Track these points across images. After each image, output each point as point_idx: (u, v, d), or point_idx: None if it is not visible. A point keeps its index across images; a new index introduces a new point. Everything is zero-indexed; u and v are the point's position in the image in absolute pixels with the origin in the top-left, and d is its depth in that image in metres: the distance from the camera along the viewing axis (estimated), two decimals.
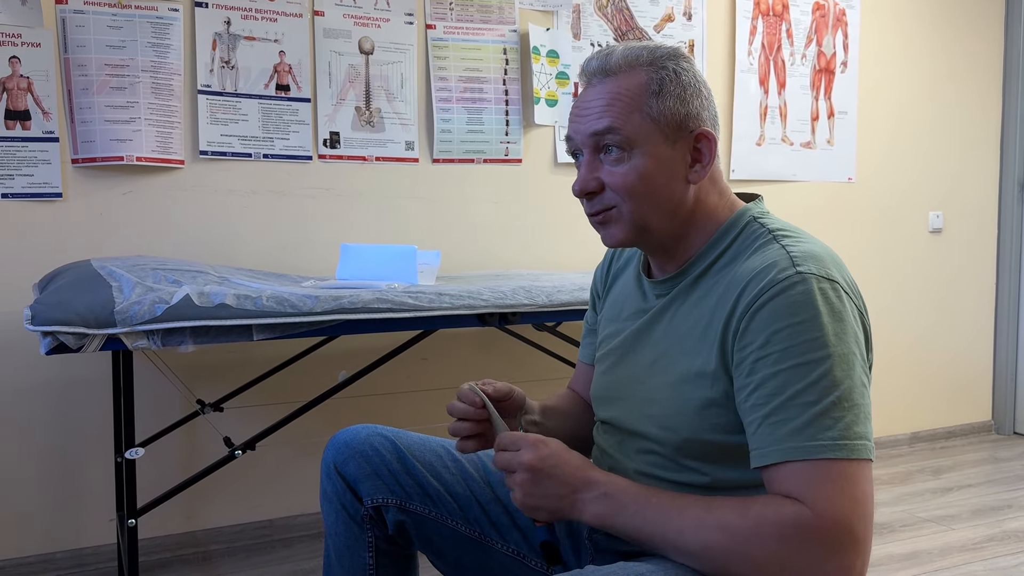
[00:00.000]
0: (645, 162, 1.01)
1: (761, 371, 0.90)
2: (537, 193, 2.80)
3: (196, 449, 2.38)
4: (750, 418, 0.91)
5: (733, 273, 0.99)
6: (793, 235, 1.01)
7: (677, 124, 1.01)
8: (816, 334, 0.89)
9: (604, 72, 1.04)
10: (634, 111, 1.01)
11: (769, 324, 0.91)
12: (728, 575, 0.88)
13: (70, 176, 2.23)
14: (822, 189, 3.30)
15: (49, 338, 1.58)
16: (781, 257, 0.95)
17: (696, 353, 1.00)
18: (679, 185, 1.02)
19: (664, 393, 1.03)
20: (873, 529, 0.88)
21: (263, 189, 2.44)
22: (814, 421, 0.87)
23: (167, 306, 1.64)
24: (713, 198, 1.06)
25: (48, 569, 2.23)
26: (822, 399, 0.87)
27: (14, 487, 2.21)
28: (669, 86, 1.01)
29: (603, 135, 1.02)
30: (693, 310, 1.03)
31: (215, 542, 2.40)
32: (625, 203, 1.03)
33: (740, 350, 0.93)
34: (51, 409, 2.23)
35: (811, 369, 0.88)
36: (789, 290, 0.91)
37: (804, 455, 0.86)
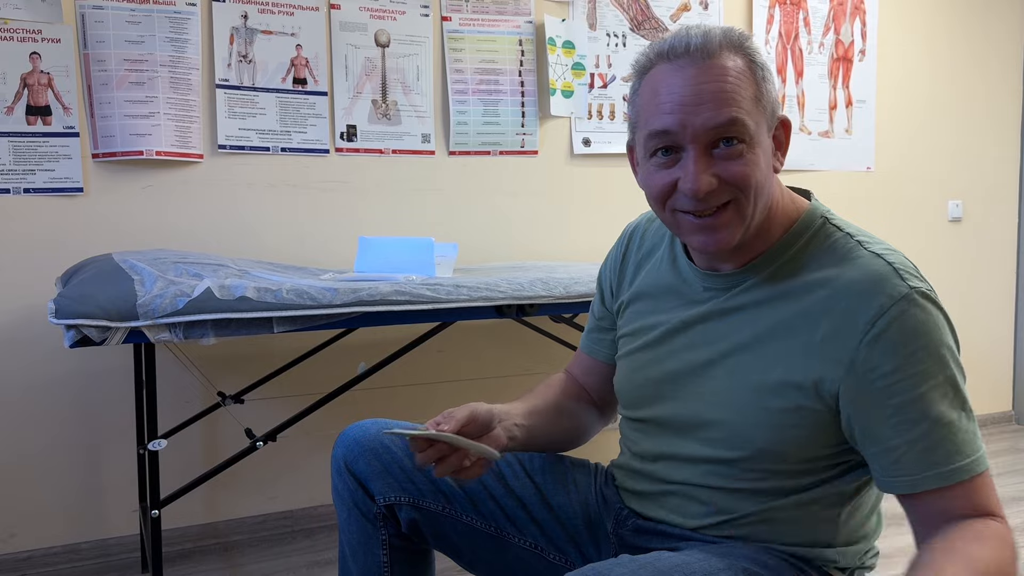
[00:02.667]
0: (759, 155, 0.94)
1: (898, 396, 0.90)
2: (553, 184, 2.79)
3: (217, 440, 2.40)
4: (891, 443, 0.91)
5: (825, 281, 0.95)
6: (875, 241, 0.99)
7: (773, 112, 0.96)
8: (942, 352, 0.91)
9: (706, 53, 0.92)
10: (749, 98, 0.92)
11: (899, 348, 0.90)
12: None
13: (91, 171, 2.25)
14: (840, 178, 3.27)
15: (73, 331, 1.60)
16: (883, 269, 0.93)
17: (783, 362, 0.96)
18: (771, 175, 0.97)
19: (736, 398, 0.99)
20: (896, 521, 0.91)
21: (281, 182, 2.45)
22: (963, 441, 0.90)
23: (189, 299, 1.65)
24: (776, 192, 1.01)
25: (73, 559, 2.26)
26: (960, 416, 0.91)
27: (39, 478, 2.24)
28: (766, 74, 0.95)
29: (726, 127, 0.91)
30: (772, 313, 0.98)
31: (236, 532, 2.42)
32: (745, 199, 0.94)
33: (865, 373, 0.91)
34: (74, 401, 2.26)
35: (946, 389, 0.90)
36: (910, 310, 0.91)
37: (962, 476, 0.89)
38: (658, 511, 1.10)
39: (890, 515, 2.56)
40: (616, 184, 2.88)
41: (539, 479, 1.22)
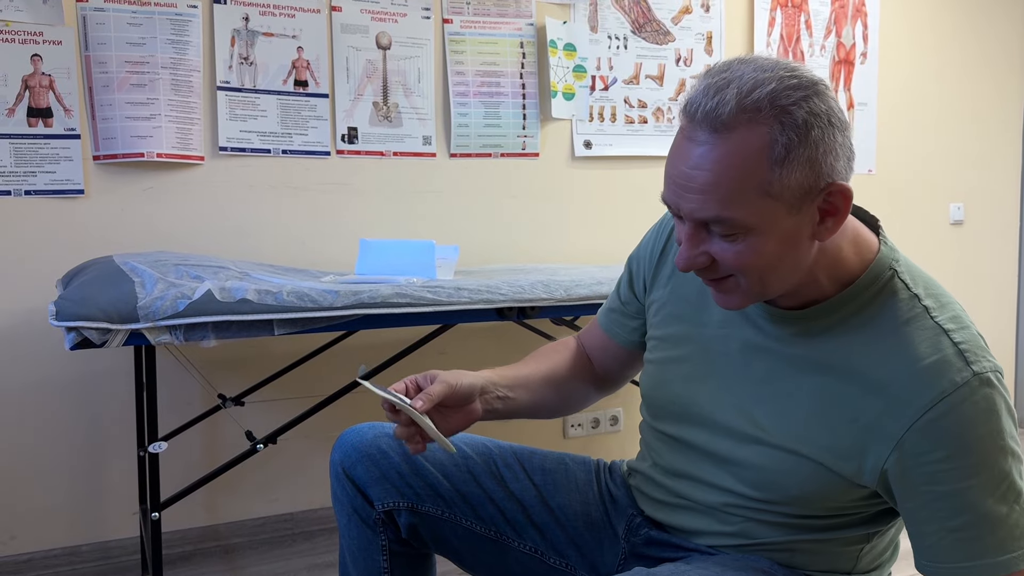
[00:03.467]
0: (764, 240, 0.85)
1: (944, 484, 0.86)
2: (554, 187, 2.79)
3: (217, 443, 2.40)
4: (929, 528, 0.88)
5: (886, 353, 0.90)
6: (940, 302, 0.92)
7: (805, 191, 0.84)
8: (1001, 443, 0.87)
9: (713, 125, 0.83)
10: (748, 190, 0.82)
11: (953, 438, 0.86)
12: None
13: (92, 173, 2.25)
14: None
15: (73, 333, 1.60)
16: (949, 350, 0.88)
17: (831, 428, 0.93)
18: (804, 246, 0.87)
19: (777, 452, 0.97)
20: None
21: (282, 185, 2.45)
22: (1007, 537, 0.86)
23: (189, 301, 1.65)
24: (840, 242, 0.93)
25: (73, 561, 2.25)
26: (1012, 509, 0.87)
27: (39, 480, 2.24)
28: (797, 149, 0.82)
29: (712, 222, 0.86)
30: (826, 371, 0.94)
31: (237, 535, 2.42)
32: (744, 277, 0.89)
33: (915, 456, 0.87)
34: (75, 403, 2.26)
35: (999, 480, 0.86)
36: (971, 397, 0.86)
37: (1003, 570, 0.86)
38: (677, 521, 1.09)
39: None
40: (617, 187, 2.88)
41: (539, 479, 1.21)
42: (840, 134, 0.85)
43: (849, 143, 0.87)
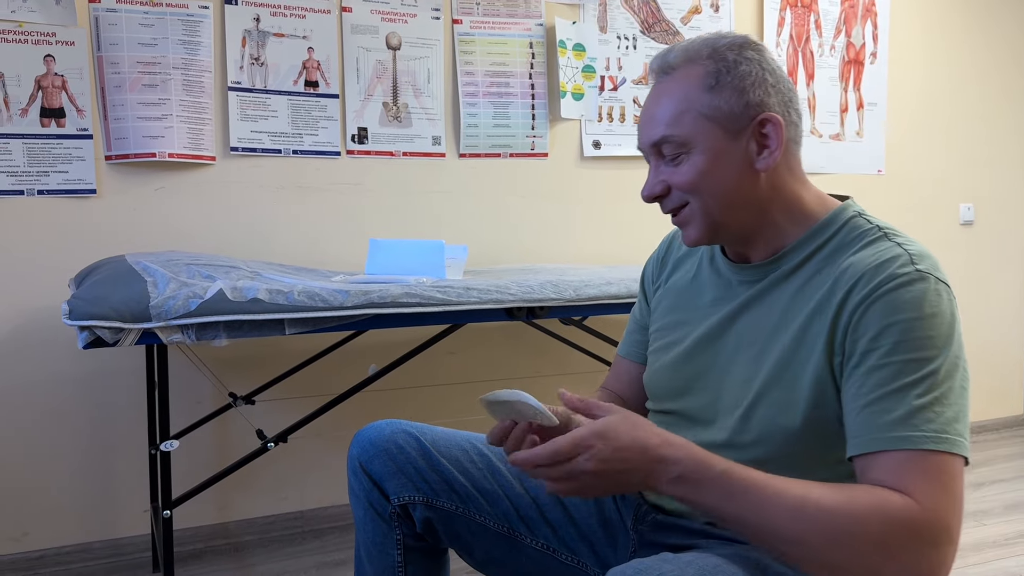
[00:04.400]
0: (704, 159, 0.99)
1: (870, 361, 0.90)
2: (563, 187, 2.80)
3: (228, 441, 2.41)
4: (852, 406, 0.90)
5: (841, 265, 0.98)
6: (903, 235, 0.99)
7: (736, 115, 0.99)
8: (931, 333, 0.89)
9: (663, 69, 1.03)
10: (686, 111, 0.99)
11: (886, 316, 0.90)
12: (822, 564, 0.84)
13: (104, 173, 2.27)
14: (851, 181, 3.26)
15: (86, 332, 1.61)
16: (899, 253, 0.94)
17: (799, 346, 0.98)
18: (748, 175, 1.00)
19: (760, 382, 1.00)
20: None
21: (292, 185, 2.46)
22: (918, 412, 0.86)
23: (201, 300, 1.66)
24: (796, 188, 1.03)
25: (85, 559, 2.27)
26: (927, 394, 0.87)
27: (52, 478, 2.25)
28: (726, 77, 0.99)
29: (659, 144, 1.02)
30: (792, 301, 1.01)
31: (247, 533, 2.43)
32: (694, 200, 1.02)
33: (852, 342, 0.92)
34: (87, 401, 2.28)
35: (921, 365, 0.88)
36: (908, 286, 0.91)
37: (906, 444, 0.85)
38: (679, 504, 1.10)
39: None
40: (626, 187, 2.88)
41: None
42: (771, 76, 1.00)
43: (786, 89, 1.02)
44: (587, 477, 0.88)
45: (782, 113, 1.00)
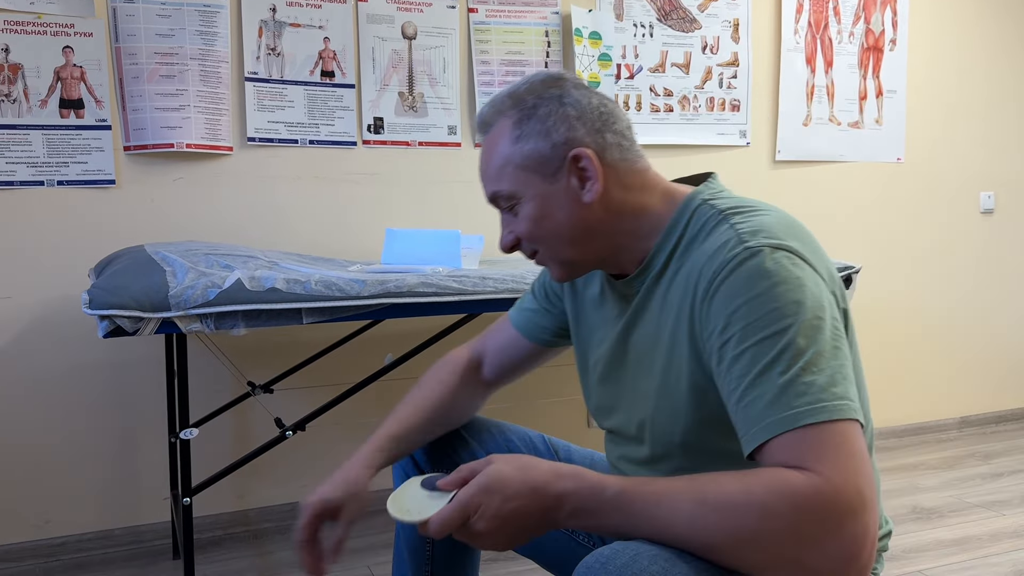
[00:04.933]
0: (533, 206, 1.00)
1: (727, 355, 0.86)
2: None
3: (246, 429, 2.43)
4: (729, 406, 0.87)
5: (690, 261, 0.96)
6: (745, 210, 0.96)
7: (547, 158, 0.99)
8: (774, 304, 0.85)
9: (480, 128, 1.05)
10: (505, 165, 1.00)
11: (725, 306, 0.87)
12: (743, 564, 0.79)
13: (122, 163, 2.28)
14: (870, 170, 3.24)
15: (106, 321, 1.62)
16: (728, 237, 0.91)
17: (672, 353, 0.97)
18: (580, 210, 0.99)
19: (653, 396, 1.01)
20: (926, 516, 0.83)
21: (309, 175, 2.47)
22: (786, 390, 0.81)
23: (220, 290, 1.68)
24: (637, 199, 1.01)
25: (106, 545, 2.30)
26: (790, 368, 0.82)
27: (73, 466, 2.28)
28: (528, 126, 0.99)
29: (494, 199, 1.04)
30: (661, 309, 1.00)
31: (266, 520, 2.46)
32: (540, 246, 1.03)
33: (707, 340, 0.90)
34: (107, 390, 2.30)
35: (775, 341, 0.83)
36: (739, 267, 0.88)
37: (784, 426, 0.80)
38: None
39: (920, 509, 2.54)
40: None
41: (563, 458, 1.28)
42: (574, 108, 0.99)
43: (591, 117, 1.00)
44: (484, 535, 0.86)
45: (594, 141, 0.99)
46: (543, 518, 0.85)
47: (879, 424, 3.31)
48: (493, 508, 0.84)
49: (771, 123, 3.06)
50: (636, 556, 0.78)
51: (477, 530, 0.85)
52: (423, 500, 0.91)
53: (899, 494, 2.69)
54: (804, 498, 0.76)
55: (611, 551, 0.80)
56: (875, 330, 3.29)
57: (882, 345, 3.30)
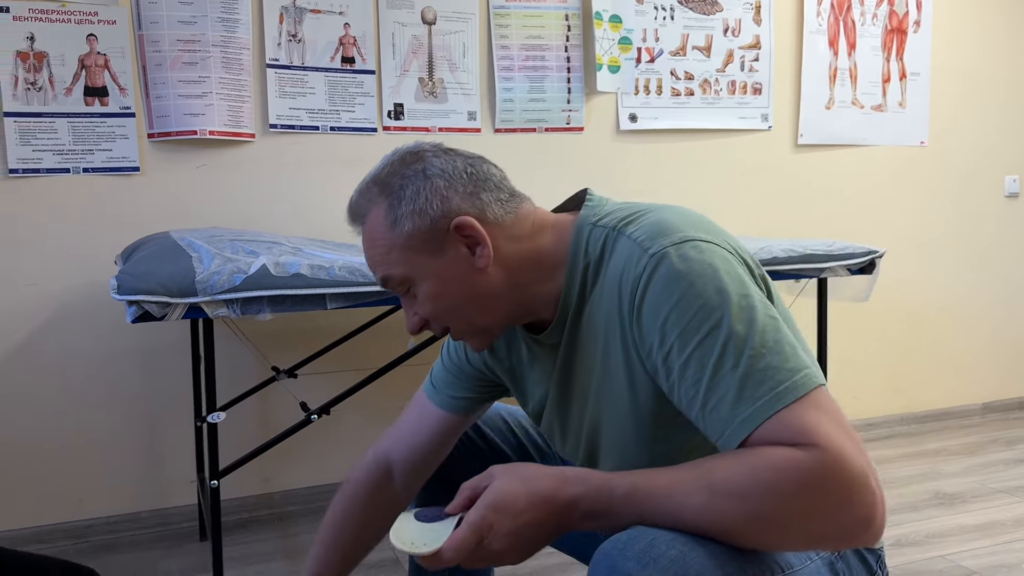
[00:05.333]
0: (430, 286, 0.97)
1: (673, 367, 0.85)
2: (599, 161, 2.79)
3: (270, 414, 2.46)
4: (695, 417, 0.85)
5: (602, 287, 0.94)
6: (634, 217, 0.94)
7: (429, 236, 0.95)
8: (698, 303, 0.84)
9: (355, 219, 1.01)
10: (389, 251, 0.96)
11: (654, 320, 0.86)
12: (758, 542, 0.80)
13: (146, 150, 2.30)
14: (893, 154, 3.21)
15: (134, 307, 1.64)
16: (631, 250, 0.90)
17: (606, 373, 0.96)
18: (476, 276, 0.96)
19: (609, 434, 0.99)
20: (947, 502, 0.82)
21: (330, 161, 2.48)
22: (745, 383, 0.80)
23: (245, 276, 1.69)
24: (530, 247, 0.99)
25: (133, 528, 2.33)
26: (740, 359, 0.81)
27: (103, 450, 2.31)
28: (400, 209, 0.95)
29: (388, 285, 0.99)
30: (589, 339, 0.98)
31: (290, 503, 2.49)
32: (449, 322, 1.00)
33: (647, 358, 0.89)
34: (134, 376, 2.33)
35: (715, 338, 0.82)
36: (652, 277, 0.86)
37: (758, 419, 0.79)
38: None
39: (943, 495, 2.53)
40: (662, 160, 2.86)
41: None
42: (441, 178, 0.96)
43: (461, 179, 0.97)
44: (505, 553, 0.85)
45: (471, 205, 0.96)
46: (557, 525, 0.85)
47: (899, 411, 3.30)
48: (506, 526, 0.83)
49: (793, 106, 3.04)
50: (654, 541, 0.79)
51: (493, 550, 0.84)
52: (426, 531, 0.88)
53: (921, 480, 2.68)
54: (810, 473, 0.76)
55: (628, 536, 0.80)
56: (898, 315, 3.27)
57: (905, 330, 3.28)
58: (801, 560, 0.89)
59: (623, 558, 0.78)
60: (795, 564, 0.88)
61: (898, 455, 2.94)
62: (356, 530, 1.24)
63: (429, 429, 1.19)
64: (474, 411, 1.20)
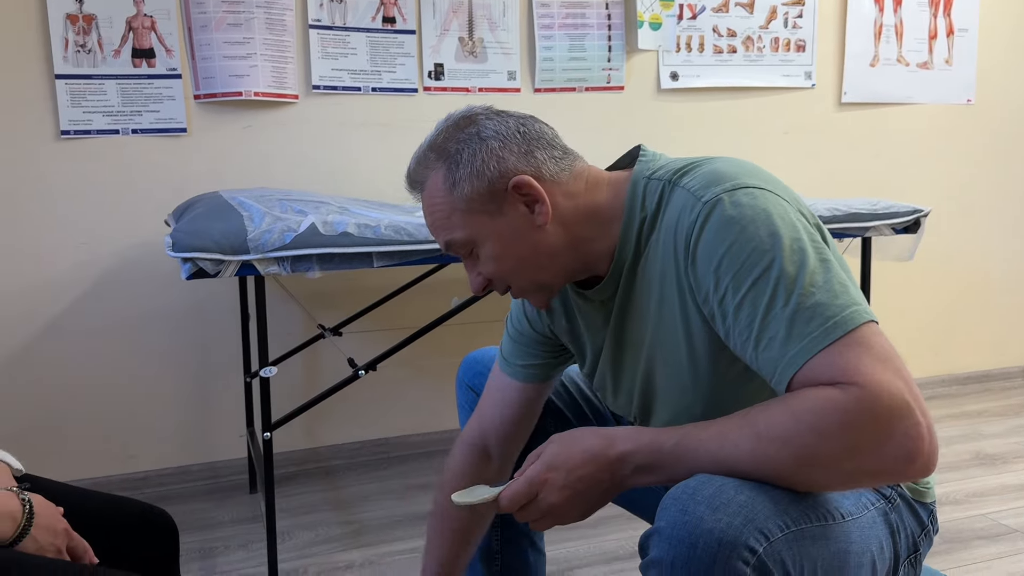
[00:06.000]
0: (492, 246, 1.00)
1: (728, 311, 0.87)
2: (640, 120, 2.77)
3: (316, 371, 2.51)
4: (748, 357, 0.87)
5: (658, 238, 0.96)
6: (689, 168, 0.96)
7: (488, 197, 0.98)
8: (751, 246, 0.85)
9: (412, 187, 1.05)
10: (450, 215, 1.00)
11: (708, 266, 0.88)
12: (809, 483, 0.83)
13: (193, 111, 2.34)
14: (939, 112, 3.15)
15: (189, 264, 1.69)
16: (686, 199, 0.92)
17: (672, 327, 0.97)
18: (537, 235, 0.99)
19: (665, 383, 1.01)
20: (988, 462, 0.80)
21: (372, 122, 2.50)
22: (794, 321, 0.82)
23: (295, 234, 1.72)
24: (586, 202, 1.01)
25: (185, 480, 2.41)
26: (790, 298, 0.83)
27: (155, 404, 2.39)
28: (459, 172, 0.98)
29: (451, 249, 1.03)
30: (646, 293, 0.99)
31: (336, 458, 2.55)
32: (511, 280, 1.03)
33: (704, 303, 0.91)
34: (183, 335, 2.39)
35: (766, 280, 0.84)
36: (706, 224, 0.88)
37: (806, 355, 0.81)
38: None
39: (984, 455, 2.53)
40: (705, 119, 2.84)
41: None
42: (496, 140, 0.99)
43: (515, 139, 0.99)
44: (558, 508, 0.89)
45: (527, 164, 0.98)
46: (611, 481, 0.88)
47: (941, 372, 3.28)
48: (560, 480, 0.88)
49: (837, 64, 2.99)
50: (722, 487, 0.81)
51: (549, 503, 0.88)
52: (488, 491, 0.94)
53: (962, 440, 2.67)
54: (849, 412, 0.77)
55: (697, 483, 0.82)
56: (940, 275, 3.23)
57: (947, 291, 3.25)
58: (859, 509, 0.92)
59: (693, 502, 0.80)
60: (854, 512, 0.90)
61: (939, 416, 2.94)
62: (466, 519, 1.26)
63: (511, 402, 1.22)
64: (549, 377, 1.22)
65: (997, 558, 1.89)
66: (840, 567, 0.86)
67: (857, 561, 0.89)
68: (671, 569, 0.79)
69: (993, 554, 1.91)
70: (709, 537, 0.78)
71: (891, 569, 0.95)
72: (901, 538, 0.96)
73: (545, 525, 0.92)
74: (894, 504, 0.97)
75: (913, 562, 0.99)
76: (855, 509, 0.91)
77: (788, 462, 0.80)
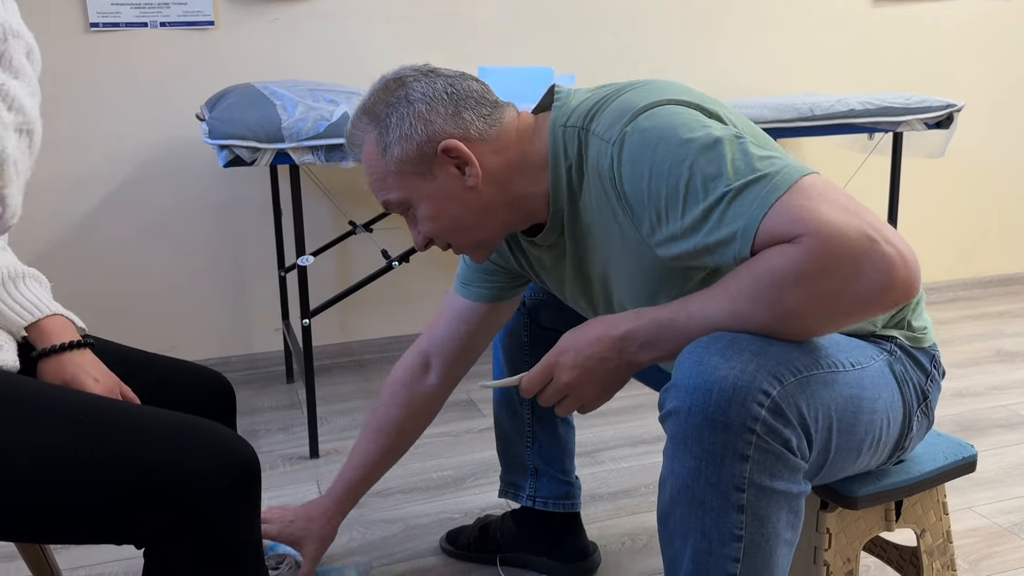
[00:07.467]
0: (427, 207, 1.03)
1: (674, 225, 0.88)
2: (671, 8, 2.72)
3: (347, 266, 2.56)
4: (712, 262, 0.88)
5: (588, 183, 0.99)
6: (597, 111, 0.97)
7: (418, 160, 1.00)
8: (665, 165, 0.87)
9: (351, 152, 1.07)
10: (385, 176, 1.02)
11: (640, 196, 0.90)
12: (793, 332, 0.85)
13: (220, 4, 2.32)
14: (974, 8, 3.06)
15: (225, 151, 1.71)
16: (598, 145, 0.95)
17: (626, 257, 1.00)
18: (469, 194, 1.02)
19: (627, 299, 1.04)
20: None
21: (397, 16, 2.47)
22: (732, 203, 0.84)
23: (328, 123, 1.74)
24: (515, 155, 1.03)
25: (225, 370, 2.49)
26: (730, 186, 0.84)
27: (194, 297, 2.45)
28: (388, 136, 1.00)
29: (390, 208, 1.06)
30: (593, 231, 1.02)
31: (367, 351, 2.62)
32: (449, 238, 1.06)
33: (651, 236, 0.92)
34: (218, 228, 2.43)
35: (693, 182, 0.86)
36: (620, 164, 0.92)
37: (754, 225, 0.82)
38: None
39: (1004, 352, 2.55)
40: (734, 14, 2.78)
41: None
42: (423, 103, 1.00)
43: (445, 100, 1.01)
44: (574, 389, 0.95)
45: (455, 126, 1.00)
46: (620, 359, 0.92)
47: (964, 275, 3.28)
48: (570, 360, 0.94)
49: None
50: (735, 338, 0.85)
51: (563, 382, 0.94)
52: (512, 379, 1.04)
53: (984, 339, 2.70)
54: (803, 262, 0.79)
55: (711, 337, 0.86)
56: (968, 175, 3.20)
57: (975, 190, 3.22)
58: (867, 359, 0.96)
59: (708, 353, 0.84)
60: (863, 362, 0.95)
61: (961, 316, 2.96)
62: (398, 422, 1.37)
63: (461, 320, 1.30)
64: (504, 299, 1.28)
65: (1014, 444, 1.95)
66: (854, 411, 0.90)
67: (870, 407, 0.93)
68: (688, 415, 0.83)
69: (1011, 440, 1.96)
70: (724, 383, 0.82)
71: (905, 419, 0.99)
72: (909, 388, 1.00)
73: (567, 408, 0.97)
74: (895, 356, 1.01)
75: (925, 410, 1.03)
76: (864, 359, 0.95)
77: (764, 317, 0.84)
